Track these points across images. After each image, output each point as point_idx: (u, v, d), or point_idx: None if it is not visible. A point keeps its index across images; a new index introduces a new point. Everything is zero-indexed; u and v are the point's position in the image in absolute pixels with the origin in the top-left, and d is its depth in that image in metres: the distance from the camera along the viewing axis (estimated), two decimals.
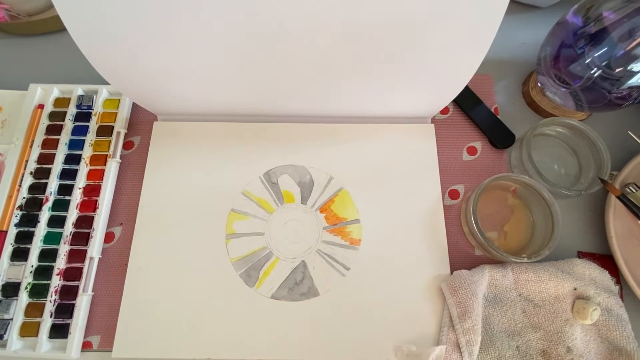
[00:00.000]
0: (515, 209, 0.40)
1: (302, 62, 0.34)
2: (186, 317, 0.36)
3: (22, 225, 0.38)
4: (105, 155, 0.41)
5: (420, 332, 0.35)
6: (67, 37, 0.30)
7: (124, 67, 0.34)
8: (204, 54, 0.33)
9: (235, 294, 0.37)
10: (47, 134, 0.41)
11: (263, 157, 0.42)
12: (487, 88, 0.46)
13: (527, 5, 0.50)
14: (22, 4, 0.45)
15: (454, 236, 0.39)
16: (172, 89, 0.38)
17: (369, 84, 0.37)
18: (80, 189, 0.39)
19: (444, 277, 0.37)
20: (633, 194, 0.38)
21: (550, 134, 0.42)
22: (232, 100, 0.40)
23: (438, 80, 0.36)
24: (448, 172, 0.42)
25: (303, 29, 0.30)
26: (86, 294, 0.36)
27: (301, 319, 0.36)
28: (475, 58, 0.32)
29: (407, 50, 0.32)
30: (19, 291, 0.36)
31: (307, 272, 0.38)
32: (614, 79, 0.35)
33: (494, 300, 0.36)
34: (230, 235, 0.39)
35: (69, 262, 0.37)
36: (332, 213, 0.40)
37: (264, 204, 0.40)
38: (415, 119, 0.43)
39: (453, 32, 0.30)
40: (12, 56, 0.48)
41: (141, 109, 0.43)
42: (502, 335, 0.34)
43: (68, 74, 0.46)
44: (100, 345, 0.36)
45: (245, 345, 0.35)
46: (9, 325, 0.35)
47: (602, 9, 0.34)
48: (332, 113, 0.42)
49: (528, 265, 0.36)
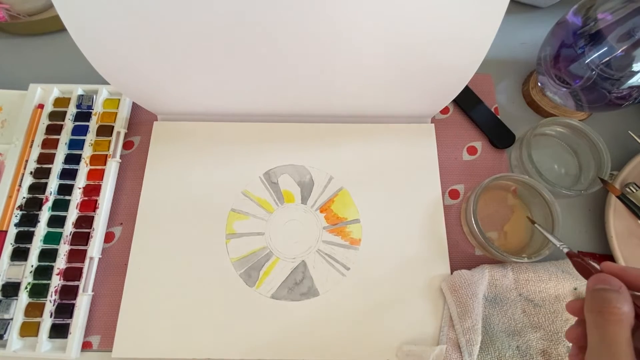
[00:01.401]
0: (515, 209, 0.40)
1: (302, 62, 0.34)
2: (186, 317, 0.36)
3: (22, 225, 0.38)
4: (105, 155, 0.41)
5: (420, 332, 0.35)
6: (67, 37, 0.30)
7: (124, 67, 0.34)
8: (204, 54, 0.33)
9: (235, 294, 0.37)
10: (47, 134, 0.41)
11: (263, 157, 0.42)
12: (487, 88, 0.46)
13: (527, 5, 0.50)
14: (22, 4, 0.45)
15: (454, 236, 0.39)
16: (172, 89, 0.38)
17: (369, 83, 0.37)
18: (80, 189, 0.39)
19: (444, 277, 0.37)
20: (633, 193, 0.38)
21: (550, 133, 0.42)
22: (232, 100, 0.40)
23: (438, 80, 0.36)
24: (448, 172, 0.42)
25: (303, 29, 0.30)
26: (86, 294, 0.36)
27: (301, 319, 0.36)
28: (475, 58, 0.32)
29: (407, 50, 0.32)
30: (19, 291, 0.36)
31: (307, 272, 0.38)
32: (614, 78, 0.35)
33: (494, 300, 0.36)
34: (230, 235, 0.39)
35: (69, 262, 0.37)
36: (332, 213, 0.40)
37: (264, 203, 0.40)
38: (415, 119, 0.43)
39: (453, 32, 0.30)
40: (12, 56, 0.48)
41: (141, 109, 0.43)
42: (502, 335, 0.34)
43: (68, 74, 0.46)
44: (100, 345, 0.36)
45: (245, 345, 0.35)
46: (9, 325, 0.35)
47: (602, 9, 0.34)
48: (332, 113, 0.42)
49: (528, 265, 0.36)
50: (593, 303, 0.20)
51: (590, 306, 0.20)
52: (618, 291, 0.20)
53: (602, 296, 0.20)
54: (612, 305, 0.19)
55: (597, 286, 0.20)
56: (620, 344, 0.18)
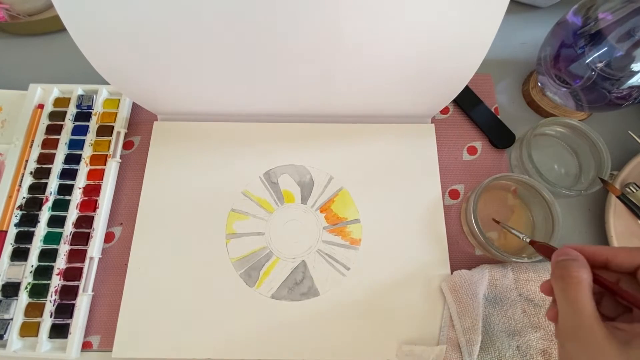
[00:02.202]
0: (515, 209, 0.40)
1: (303, 62, 0.34)
2: (186, 317, 0.36)
3: (22, 225, 0.38)
4: (105, 155, 0.41)
5: (420, 332, 0.35)
6: (67, 37, 0.30)
7: (124, 67, 0.34)
8: (204, 54, 0.33)
9: (235, 294, 0.37)
10: (47, 134, 0.41)
11: (263, 157, 0.42)
12: (487, 88, 0.46)
13: (527, 5, 0.51)
14: (22, 4, 0.45)
15: (454, 236, 0.39)
16: (172, 89, 0.38)
17: (369, 84, 0.37)
18: (80, 189, 0.39)
19: (444, 277, 0.37)
20: (633, 193, 0.38)
21: (550, 133, 0.42)
22: (232, 100, 0.40)
23: (438, 81, 0.36)
24: (448, 172, 0.42)
25: (304, 29, 0.30)
26: (86, 294, 0.36)
27: (301, 319, 0.36)
28: (475, 58, 0.33)
29: (407, 50, 0.32)
30: (19, 291, 0.36)
31: (307, 272, 0.38)
32: (614, 78, 0.35)
33: (494, 300, 0.36)
34: (230, 235, 0.39)
35: (69, 262, 0.37)
36: (332, 213, 0.40)
37: (264, 203, 0.40)
38: (415, 119, 0.43)
39: (453, 32, 0.30)
40: (12, 56, 0.48)
41: (141, 109, 0.43)
42: (502, 335, 0.34)
43: (68, 74, 0.46)
44: (100, 345, 0.36)
45: (245, 345, 0.35)
46: (9, 325, 0.35)
47: (602, 9, 0.34)
48: (332, 113, 0.42)
49: (528, 265, 0.36)
50: (556, 271, 0.23)
51: (554, 275, 0.23)
52: (576, 259, 0.22)
53: (562, 265, 0.23)
54: (572, 270, 0.22)
55: (558, 258, 0.23)
56: (583, 302, 0.21)
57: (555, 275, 0.23)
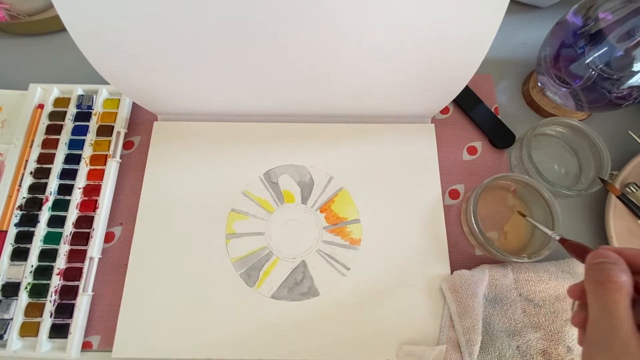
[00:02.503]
0: (516, 209, 0.40)
1: (303, 62, 0.34)
2: (186, 317, 0.36)
3: (22, 225, 0.38)
4: (105, 155, 0.41)
5: (420, 332, 0.35)
6: (67, 37, 0.30)
7: (124, 67, 0.34)
8: (204, 54, 0.33)
9: (235, 294, 0.37)
10: (47, 134, 0.41)
11: (263, 157, 0.42)
12: (487, 88, 0.46)
13: (527, 5, 0.51)
14: (22, 4, 0.45)
15: (454, 236, 0.39)
16: (172, 89, 0.38)
17: (370, 84, 0.37)
18: (80, 189, 0.39)
19: (444, 277, 0.37)
20: (633, 193, 0.38)
21: (550, 133, 0.42)
22: (232, 100, 0.40)
23: (438, 80, 0.36)
24: (448, 172, 0.42)
25: (304, 28, 0.30)
26: (86, 294, 0.36)
27: (301, 319, 0.36)
28: (475, 58, 0.33)
29: (408, 50, 0.32)
30: (19, 291, 0.36)
31: (307, 272, 0.38)
32: (614, 78, 0.35)
33: (494, 300, 0.36)
34: (230, 235, 0.39)
35: (69, 262, 0.37)
36: (332, 213, 0.40)
37: (264, 203, 0.40)
38: (415, 119, 0.43)
39: (453, 32, 0.30)
40: (12, 56, 0.48)
41: (141, 109, 0.43)
42: (502, 335, 0.34)
43: (68, 74, 0.46)
44: (100, 345, 0.36)
45: (245, 345, 0.35)
46: (9, 325, 0.35)
47: (602, 9, 0.34)
48: (333, 113, 0.42)
49: (528, 265, 0.36)
50: (593, 275, 0.21)
51: (591, 278, 0.21)
52: (616, 263, 0.20)
53: (601, 268, 0.20)
54: (612, 274, 0.20)
55: (595, 260, 0.21)
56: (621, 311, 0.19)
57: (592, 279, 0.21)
